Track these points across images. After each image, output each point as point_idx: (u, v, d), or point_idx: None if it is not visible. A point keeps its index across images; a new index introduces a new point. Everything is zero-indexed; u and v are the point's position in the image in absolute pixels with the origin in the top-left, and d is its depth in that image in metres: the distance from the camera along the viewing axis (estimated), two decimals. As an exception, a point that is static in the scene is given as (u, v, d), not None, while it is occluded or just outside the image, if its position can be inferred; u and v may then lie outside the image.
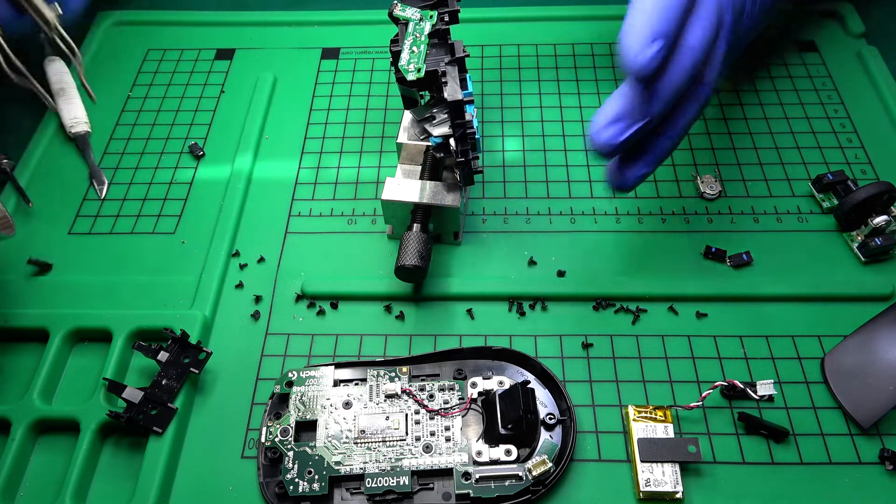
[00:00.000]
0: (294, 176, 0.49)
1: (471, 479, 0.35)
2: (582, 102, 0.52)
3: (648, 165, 0.38)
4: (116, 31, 0.59)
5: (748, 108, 0.52)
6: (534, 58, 0.56)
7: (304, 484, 0.35)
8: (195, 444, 0.38)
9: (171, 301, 0.43)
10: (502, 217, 0.46)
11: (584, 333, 0.41)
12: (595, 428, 0.38)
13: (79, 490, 0.36)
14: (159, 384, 0.38)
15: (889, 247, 0.42)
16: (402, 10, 0.38)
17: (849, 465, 0.36)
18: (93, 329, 0.41)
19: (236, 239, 0.46)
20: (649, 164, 0.38)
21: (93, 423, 0.37)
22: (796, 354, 0.40)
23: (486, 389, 0.38)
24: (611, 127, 0.34)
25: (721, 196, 0.47)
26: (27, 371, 0.41)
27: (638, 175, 0.38)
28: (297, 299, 0.43)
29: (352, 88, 0.54)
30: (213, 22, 0.59)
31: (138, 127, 0.53)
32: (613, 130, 0.34)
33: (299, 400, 0.38)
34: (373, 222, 0.47)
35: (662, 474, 0.35)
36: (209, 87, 0.55)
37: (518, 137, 0.51)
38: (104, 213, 0.48)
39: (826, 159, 0.48)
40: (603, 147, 0.35)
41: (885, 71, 0.52)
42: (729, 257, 0.44)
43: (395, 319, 0.42)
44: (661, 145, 0.38)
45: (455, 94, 0.36)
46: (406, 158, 0.44)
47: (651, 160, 0.38)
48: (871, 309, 0.41)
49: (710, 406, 0.38)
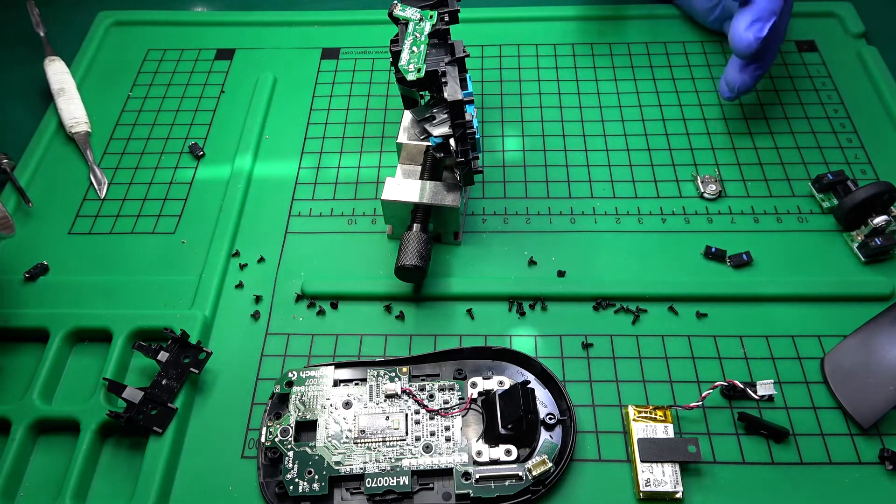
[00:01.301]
0: (294, 176, 0.49)
1: (471, 479, 0.35)
2: (582, 102, 0.52)
3: (764, 66, 0.46)
4: (116, 31, 0.59)
5: (748, 108, 0.52)
6: (534, 58, 0.56)
7: (304, 484, 0.35)
8: (195, 444, 0.38)
9: (171, 301, 0.43)
10: (502, 217, 0.46)
11: (584, 333, 0.41)
12: (595, 428, 0.38)
13: (79, 490, 0.36)
14: (159, 384, 0.38)
15: (889, 247, 0.42)
16: (402, 10, 0.38)
17: (849, 465, 0.36)
18: (93, 329, 0.41)
19: (236, 239, 0.46)
20: (765, 65, 0.46)
21: (93, 423, 0.37)
22: (796, 354, 0.40)
23: (486, 389, 0.38)
24: (753, 25, 0.43)
25: (721, 196, 0.47)
26: (27, 371, 0.41)
27: (758, 73, 0.46)
28: (297, 299, 0.43)
29: (352, 88, 0.54)
30: (213, 22, 0.59)
31: (138, 127, 0.53)
32: (757, 27, 0.43)
33: (299, 400, 0.38)
34: (373, 222, 0.47)
35: (662, 474, 0.35)
36: (209, 87, 0.55)
37: (518, 137, 0.51)
38: (104, 213, 0.48)
39: (826, 159, 0.48)
40: (752, 44, 0.43)
41: (885, 71, 0.52)
42: (729, 257, 0.44)
43: (395, 319, 0.42)
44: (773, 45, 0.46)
45: (455, 94, 0.36)
46: (406, 158, 0.44)
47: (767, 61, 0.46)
48: (871, 309, 0.41)
49: (710, 406, 0.38)
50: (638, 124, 0.51)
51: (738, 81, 0.46)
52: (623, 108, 0.52)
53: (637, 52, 0.55)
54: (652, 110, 0.52)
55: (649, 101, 0.52)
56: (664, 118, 0.51)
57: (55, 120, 0.52)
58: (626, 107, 0.52)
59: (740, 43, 0.43)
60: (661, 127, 0.51)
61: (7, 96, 0.56)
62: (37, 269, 0.44)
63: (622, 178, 0.48)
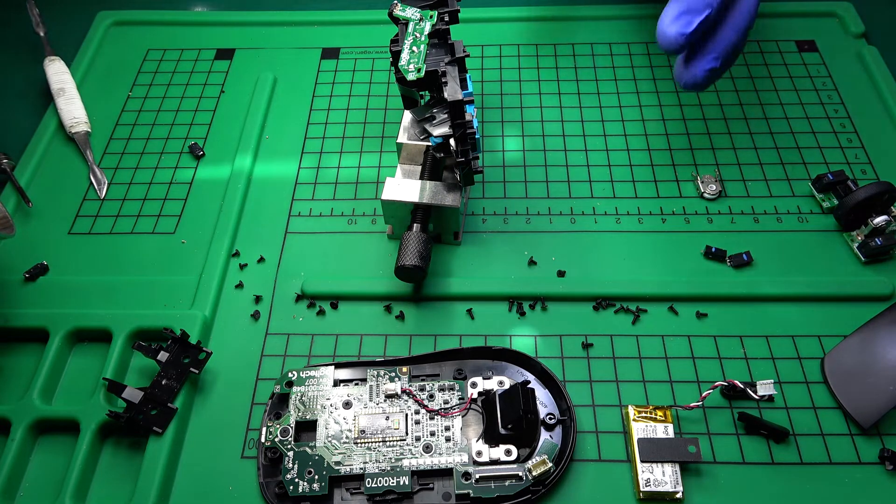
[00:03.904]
0: (294, 176, 0.49)
1: (471, 479, 0.35)
2: (582, 102, 0.52)
3: (717, 60, 0.39)
4: (116, 31, 0.59)
5: (748, 108, 0.52)
6: (534, 58, 0.56)
7: (304, 484, 0.35)
8: (195, 444, 0.38)
9: (171, 301, 0.43)
10: (502, 217, 0.46)
11: (584, 333, 0.41)
12: (595, 428, 0.38)
13: (79, 490, 0.36)
14: (159, 384, 0.38)
15: (889, 247, 0.42)
16: (402, 10, 0.38)
17: (849, 465, 0.36)
18: (93, 329, 0.41)
19: (236, 239, 0.46)
20: (717, 59, 0.39)
21: (93, 423, 0.37)
22: (796, 354, 0.40)
23: (486, 389, 0.38)
24: (679, 19, 0.37)
25: (721, 196, 0.47)
26: (27, 371, 0.41)
27: (707, 69, 0.39)
28: (297, 299, 0.43)
29: (352, 88, 0.54)
30: (213, 22, 0.59)
31: (138, 127, 0.53)
32: (682, 21, 0.37)
33: (299, 400, 0.38)
34: (373, 222, 0.47)
35: (662, 474, 0.35)
36: (209, 87, 0.55)
37: (518, 137, 0.51)
38: (104, 213, 0.48)
39: (826, 159, 0.48)
40: (674, 40, 0.37)
41: (885, 71, 0.52)
42: (729, 257, 0.44)
43: (395, 319, 0.42)
44: (726, 36, 0.39)
45: (455, 94, 0.36)
46: (406, 158, 0.44)
47: (719, 52, 0.39)
48: (871, 309, 0.41)
49: (710, 406, 0.38)
50: (638, 124, 0.51)
51: (683, 78, 0.40)
52: (623, 108, 0.52)
53: (637, 52, 0.55)
54: (652, 110, 0.52)
55: (649, 101, 0.52)
56: (664, 118, 0.51)
57: (55, 120, 0.52)
58: (626, 107, 0.52)
59: (662, 37, 0.38)
60: (661, 127, 0.51)
61: (7, 96, 0.56)
62: (37, 269, 0.44)
63: (622, 178, 0.48)
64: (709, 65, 0.39)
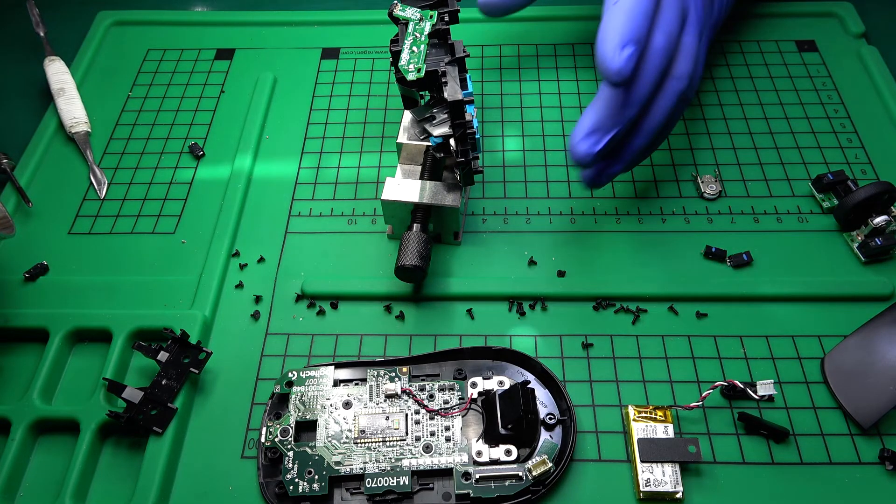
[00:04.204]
0: (294, 176, 0.49)
1: (471, 479, 0.35)
2: (582, 102, 0.52)
3: (621, 164, 0.41)
4: (116, 31, 0.59)
5: (748, 108, 0.52)
6: (534, 58, 0.56)
7: (304, 484, 0.35)
8: (195, 444, 0.38)
9: (170, 301, 0.43)
10: (502, 217, 0.46)
11: (584, 333, 0.41)
12: (595, 428, 0.38)
13: (79, 490, 0.36)
14: (159, 384, 0.38)
15: (889, 247, 0.42)
16: (402, 10, 0.38)
17: (849, 465, 0.36)
18: (93, 329, 0.41)
19: (236, 239, 0.46)
20: (622, 163, 0.41)
21: (93, 423, 0.37)
22: (796, 354, 0.40)
23: (486, 389, 0.38)
24: (589, 138, 0.37)
25: (721, 196, 0.47)
26: (27, 371, 0.41)
27: (610, 172, 0.41)
28: (297, 299, 0.43)
29: (352, 88, 0.54)
30: (213, 22, 0.59)
31: (138, 127, 0.53)
32: (591, 140, 0.37)
33: (299, 400, 0.38)
34: (373, 222, 0.47)
35: (662, 474, 0.35)
36: (209, 87, 0.55)
37: (518, 137, 0.51)
38: (104, 213, 0.48)
39: (826, 159, 0.48)
40: (583, 158, 0.38)
41: (886, 71, 0.52)
42: (729, 257, 0.44)
43: (395, 319, 0.42)
44: (634, 144, 0.40)
45: (455, 94, 0.36)
46: (406, 158, 0.44)
47: (625, 159, 0.41)
48: (871, 309, 0.41)
49: (710, 406, 0.38)
50: (638, 124, 0.51)
51: (584, 176, 0.41)
52: (623, 108, 0.52)
53: (637, 52, 0.55)
54: (652, 110, 0.52)
55: (649, 101, 0.52)
56: (664, 118, 0.51)
57: (55, 120, 0.52)
58: (626, 107, 0.52)
59: (572, 152, 0.38)
60: (661, 127, 0.51)
61: (7, 96, 0.56)
62: (37, 269, 0.44)
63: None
64: (613, 169, 0.41)
